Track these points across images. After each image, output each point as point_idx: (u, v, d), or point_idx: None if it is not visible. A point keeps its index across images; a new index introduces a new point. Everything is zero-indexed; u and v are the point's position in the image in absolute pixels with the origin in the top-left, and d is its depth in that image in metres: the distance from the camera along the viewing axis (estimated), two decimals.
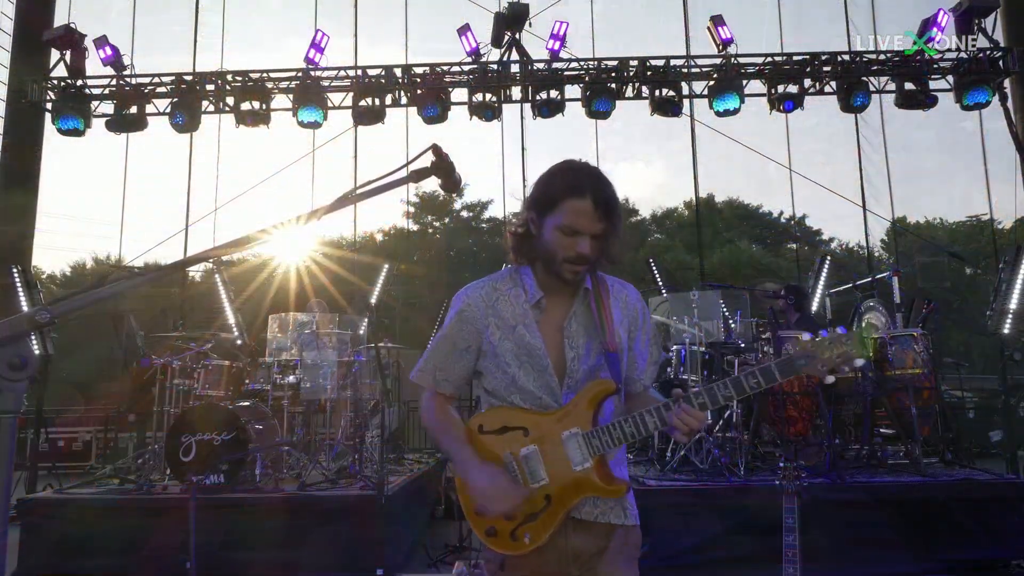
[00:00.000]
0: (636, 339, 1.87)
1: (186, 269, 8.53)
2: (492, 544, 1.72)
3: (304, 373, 6.01)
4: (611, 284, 1.87)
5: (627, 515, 1.78)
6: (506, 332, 1.78)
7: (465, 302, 1.84)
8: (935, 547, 4.52)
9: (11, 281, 7.31)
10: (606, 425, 1.69)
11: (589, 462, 1.68)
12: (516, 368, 1.77)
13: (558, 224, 1.70)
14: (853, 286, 7.17)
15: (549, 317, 1.80)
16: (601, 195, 1.69)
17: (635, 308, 1.88)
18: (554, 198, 1.71)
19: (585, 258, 1.70)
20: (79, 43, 8.81)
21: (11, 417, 1.12)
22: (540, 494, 1.69)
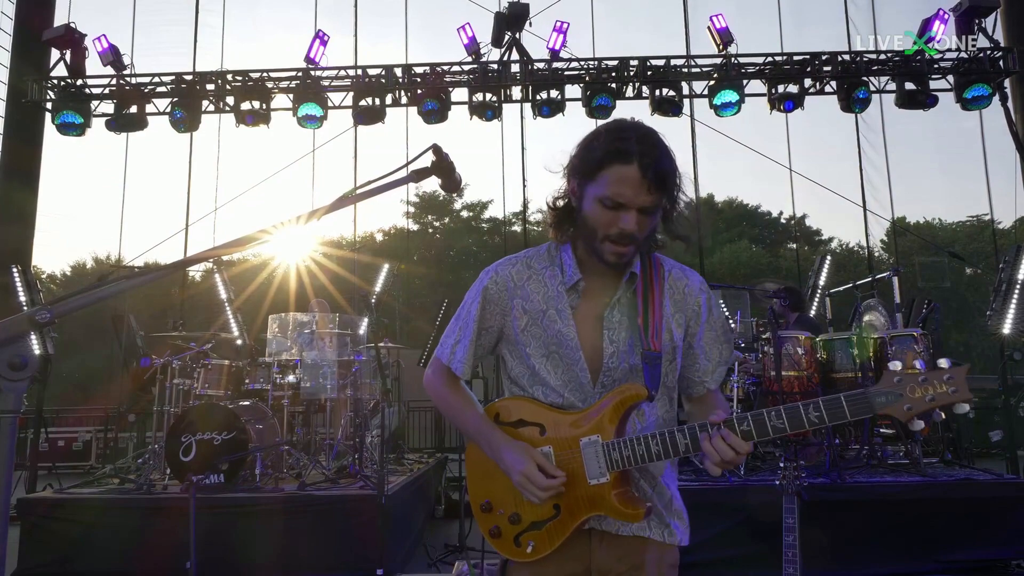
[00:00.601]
0: (696, 336, 1.61)
1: (186, 269, 8.53)
2: (496, 545, 1.59)
3: (304, 373, 6.01)
4: (668, 269, 1.61)
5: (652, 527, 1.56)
6: (535, 317, 1.57)
7: (492, 279, 1.63)
8: (935, 547, 4.52)
9: (11, 281, 7.31)
10: (630, 438, 1.46)
11: (606, 477, 1.47)
12: (541, 358, 1.56)
13: (600, 195, 1.45)
14: (853, 286, 7.17)
15: (587, 304, 1.57)
16: (651, 161, 1.42)
17: (695, 300, 1.61)
18: (597, 164, 1.46)
19: (630, 236, 1.45)
20: (79, 43, 8.81)
21: (11, 417, 1.11)
22: (549, 502, 1.50)
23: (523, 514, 1.54)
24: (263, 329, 6.71)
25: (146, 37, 10.71)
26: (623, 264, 1.52)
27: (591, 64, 8.85)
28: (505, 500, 1.56)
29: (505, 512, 1.56)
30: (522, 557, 1.54)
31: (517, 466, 1.48)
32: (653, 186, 1.42)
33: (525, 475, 1.46)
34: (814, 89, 8.89)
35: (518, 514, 1.55)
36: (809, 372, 5.42)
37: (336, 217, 2.67)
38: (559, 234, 1.60)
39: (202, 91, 8.98)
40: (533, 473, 1.46)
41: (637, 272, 1.56)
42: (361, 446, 5.56)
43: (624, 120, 1.53)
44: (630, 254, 1.51)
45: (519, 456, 1.49)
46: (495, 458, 1.55)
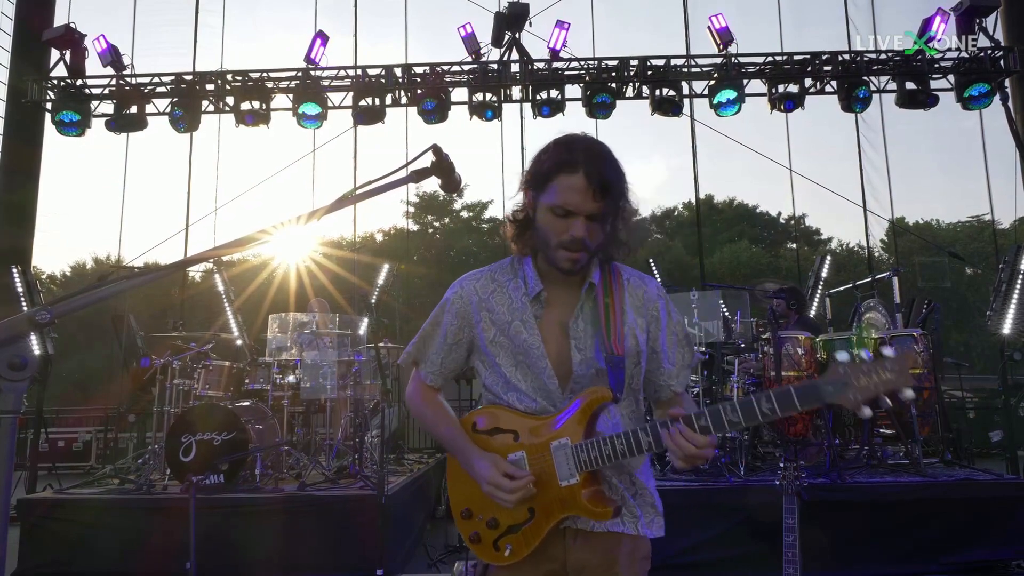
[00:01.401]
0: (658, 339, 1.66)
1: (186, 269, 8.52)
2: (476, 551, 1.64)
3: (304, 373, 6.01)
4: (627, 278, 1.67)
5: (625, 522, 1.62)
6: (501, 328, 1.63)
7: (457, 293, 1.70)
8: (935, 547, 4.52)
9: (11, 281, 7.31)
10: (597, 439, 1.51)
11: (576, 478, 1.52)
12: (511, 367, 1.62)
13: (550, 204, 1.53)
14: (853, 286, 7.17)
15: (551, 313, 1.62)
16: (596, 170, 1.49)
17: (654, 305, 1.67)
18: (546, 175, 1.54)
19: (580, 243, 1.51)
20: (79, 43, 8.81)
21: (11, 417, 1.11)
22: (524, 505, 1.55)
23: (500, 519, 1.59)
24: (263, 329, 6.71)
25: (146, 37, 10.72)
26: (577, 270, 1.58)
27: (591, 64, 8.85)
28: (483, 506, 1.61)
29: (484, 518, 1.61)
30: (501, 561, 1.59)
31: (484, 475, 1.55)
32: (598, 193, 1.49)
33: (491, 483, 1.53)
34: (814, 89, 8.89)
35: (496, 519, 1.59)
36: (809, 372, 5.42)
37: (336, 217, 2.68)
38: (520, 245, 1.66)
39: (202, 91, 8.98)
40: (498, 480, 1.52)
41: (596, 282, 1.62)
42: (361, 446, 5.56)
43: (573, 134, 1.59)
44: (583, 260, 1.56)
45: (486, 465, 1.56)
46: (467, 468, 1.62)
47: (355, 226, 12.34)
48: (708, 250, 22.64)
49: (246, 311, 8.08)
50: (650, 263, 9.48)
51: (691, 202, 19.90)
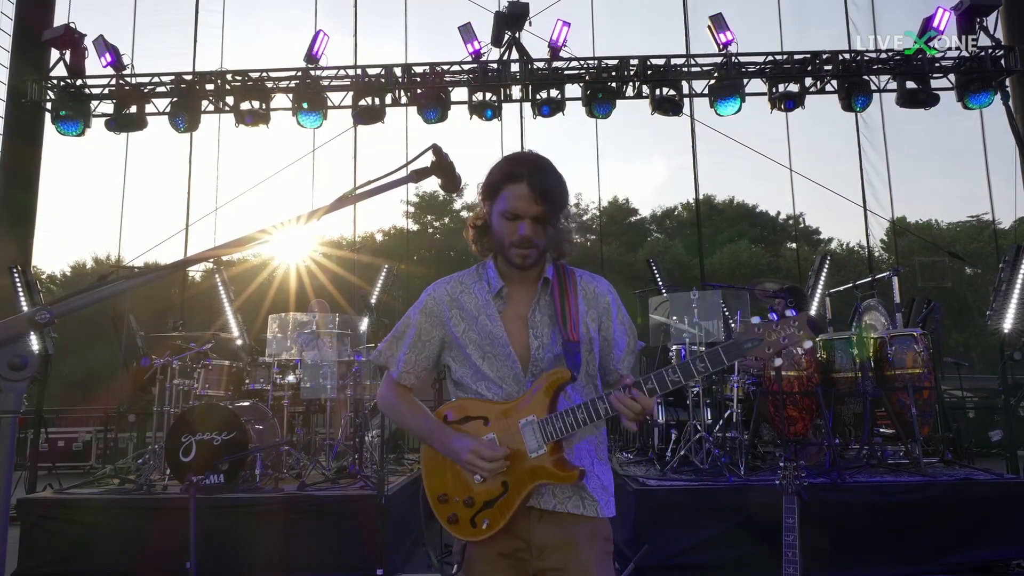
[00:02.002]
0: (609, 328, 1.88)
1: (186, 269, 8.53)
2: (454, 531, 1.76)
3: (304, 373, 6.01)
4: (579, 277, 1.90)
5: (585, 505, 1.76)
6: (470, 323, 1.83)
7: (430, 295, 1.90)
8: (935, 547, 4.52)
9: (11, 281, 7.32)
10: (560, 412, 1.70)
11: (543, 449, 1.70)
12: (479, 358, 1.81)
13: (501, 210, 1.76)
14: (853, 286, 7.17)
15: (512, 307, 1.84)
16: (538, 178, 1.73)
17: (604, 299, 1.89)
18: (496, 186, 1.78)
19: (527, 240, 1.74)
20: (79, 43, 8.81)
21: (11, 417, 1.11)
22: (497, 480, 1.72)
23: (476, 497, 1.74)
24: (263, 329, 6.71)
25: (146, 37, 10.73)
26: (528, 265, 1.79)
27: (591, 63, 8.85)
28: (458, 488, 1.76)
29: (460, 499, 1.75)
30: (479, 535, 1.73)
31: (464, 450, 1.71)
32: (540, 199, 1.72)
33: (473, 452, 1.69)
34: (814, 88, 8.89)
35: (472, 498, 1.74)
36: (809, 372, 5.42)
37: (336, 217, 2.68)
38: (479, 248, 1.90)
39: (202, 91, 8.98)
40: (479, 449, 1.69)
41: (550, 277, 1.84)
42: (361, 446, 5.56)
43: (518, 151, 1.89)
44: (533, 256, 1.77)
45: (464, 442, 1.73)
46: (444, 450, 1.77)
47: (355, 226, 12.36)
48: (708, 250, 22.63)
49: (246, 311, 8.09)
50: (650, 263, 9.48)
51: (691, 202, 19.92)
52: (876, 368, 5.50)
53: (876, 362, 5.54)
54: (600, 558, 1.76)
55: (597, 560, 1.75)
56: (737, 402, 5.29)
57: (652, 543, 4.36)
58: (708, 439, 5.26)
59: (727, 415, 5.41)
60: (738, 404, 5.29)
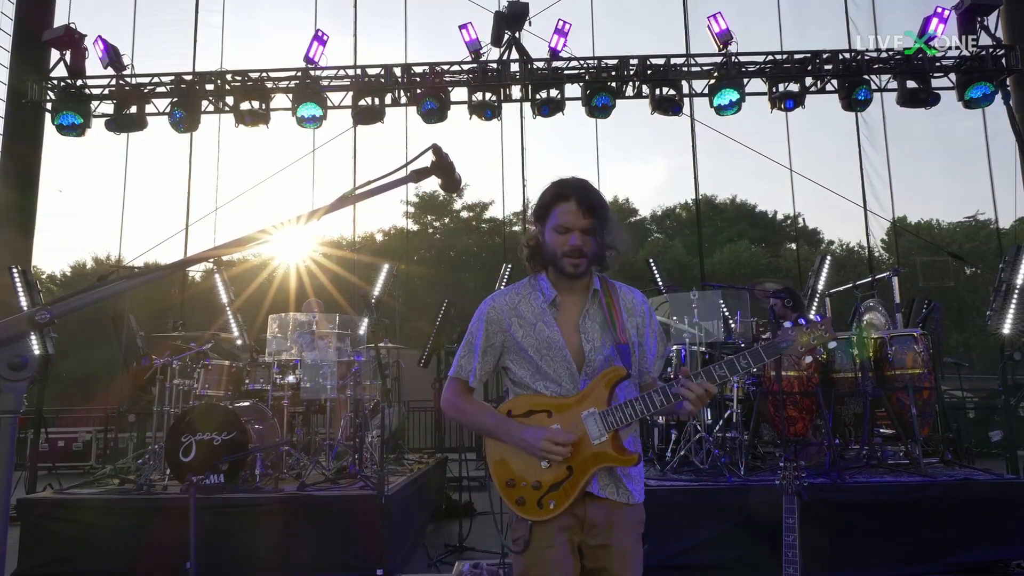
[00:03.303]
0: (644, 335, 2.11)
1: (186, 269, 8.53)
2: (521, 511, 1.97)
3: (304, 373, 6.00)
4: (619, 288, 2.14)
5: (619, 492, 2.01)
6: (528, 329, 2.05)
7: (491, 306, 2.12)
8: (935, 547, 4.52)
9: (11, 281, 7.31)
10: (619, 404, 1.94)
11: (605, 436, 1.93)
12: (539, 359, 2.02)
13: (553, 226, 2.01)
14: (853, 286, 7.17)
15: (565, 314, 2.06)
16: (584, 196, 1.98)
17: (641, 308, 2.14)
18: (547, 207, 2.03)
19: (578, 250, 1.97)
20: (79, 43, 8.81)
21: (11, 417, 1.11)
22: (562, 465, 1.94)
23: (543, 481, 1.96)
24: (263, 329, 6.70)
25: (146, 37, 10.72)
26: (580, 274, 2.02)
27: (591, 63, 8.85)
28: (525, 474, 1.98)
29: (528, 483, 1.97)
30: (546, 514, 1.95)
31: (538, 439, 1.93)
32: (587, 212, 1.97)
33: (548, 439, 1.91)
34: (815, 88, 8.89)
35: (539, 481, 1.96)
36: (809, 372, 5.41)
37: (336, 217, 2.69)
38: (532, 265, 2.12)
39: (202, 91, 8.99)
40: (552, 436, 1.92)
41: (598, 288, 2.08)
42: (361, 446, 5.56)
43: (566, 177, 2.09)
44: (583, 265, 2.00)
45: (536, 432, 1.95)
46: (515, 441, 1.98)
47: (355, 226, 12.37)
48: (708, 250, 22.65)
49: (246, 311, 8.08)
50: (650, 263, 9.48)
51: (691, 202, 19.91)
52: (876, 368, 5.50)
53: (876, 362, 5.53)
54: (635, 538, 2.03)
55: (632, 539, 2.02)
56: (737, 402, 5.29)
57: (652, 543, 4.35)
58: (708, 439, 5.26)
59: (727, 415, 5.41)
60: (738, 404, 5.29)
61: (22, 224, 9.50)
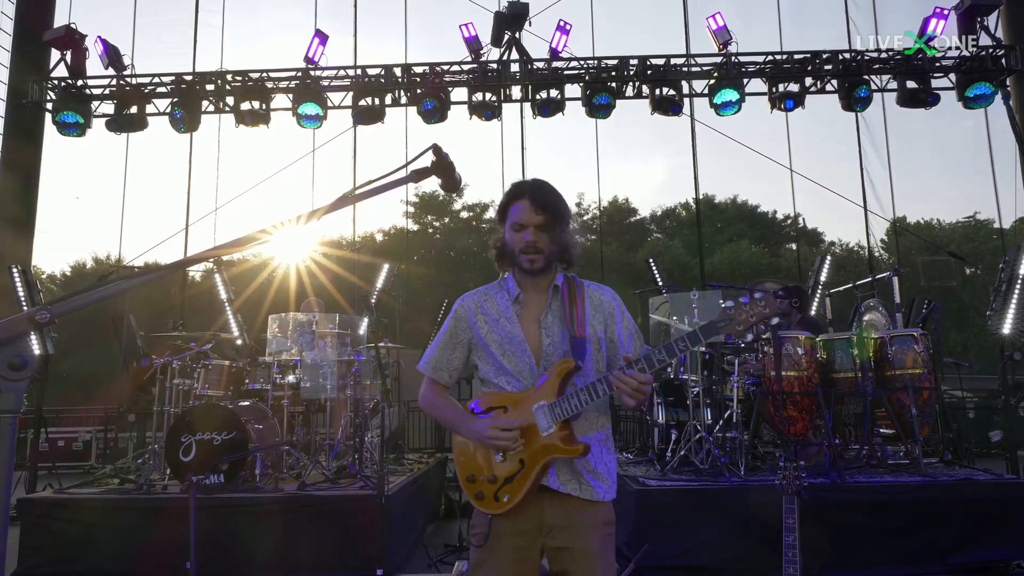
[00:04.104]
0: (615, 331, 2.13)
1: (186, 269, 8.53)
2: (481, 506, 2.03)
3: (304, 373, 6.00)
4: (587, 286, 2.18)
5: (582, 489, 2.02)
6: (492, 325, 2.11)
7: (460, 304, 2.20)
8: (935, 547, 4.52)
9: (11, 281, 7.31)
10: (566, 395, 1.97)
11: (552, 427, 1.97)
12: (500, 355, 2.09)
13: (510, 224, 2.08)
14: (853, 286, 7.17)
15: (528, 311, 2.12)
16: (536, 193, 2.05)
17: (609, 305, 2.15)
18: (504, 207, 2.11)
19: (533, 245, 2.03)
20: (79, 43, 8.81)
21: (11, 417, 1.11)
22: (515, 458, 1.99)
23: (497, 474, 2.01)
24: (263, 329, 6.70)
25: (146, 37, 10.72)
26: (537, 269, 2.07)
27: (591, 63, 8.85)
28: (483, 468, 2.05)
29: (485, 478, 2.03)
30: (502, 508, 1.99)
31: (484, 427, 2.00)
32: (540, 209, 2.03)
33: (492, 427, 1.98)
34: (815, 88, 8.89)
35: (494, 475, 2.02)
36: (809, 372, 5.41)
37: (336, 217, 2.69)
38: (500, 265, 2.18)
39: (202, 91, 8.99)
40: (497, 423, 1.99)
41: (560, 285, 2.12)
42: (361, 446, 5.56)
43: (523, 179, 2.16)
44: (539, 261, 2.05)
45: (484, 423, 2.02)
46: (470, 434, 2.06)
47: (355, 226, 12.36)
48: (708, 250, 22.63)
49: (246, 311, 8.08)
50: (650, 263, 9.48)
51: (691, 202, 19.90)
52: (876, 368, 5.50)
53: (876, 362, 5.53)
54: (601, 539, 2.02)
55: (598, 541, 2.01)
56: (737, 402, 5.29)
57: (652, 543, 4.36)
58: (708, 439, 5.26)
59: (727, 415, 5.40)
60: (738, 404, 5.29)
61: (22, 224, 9.49)
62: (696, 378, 5.49)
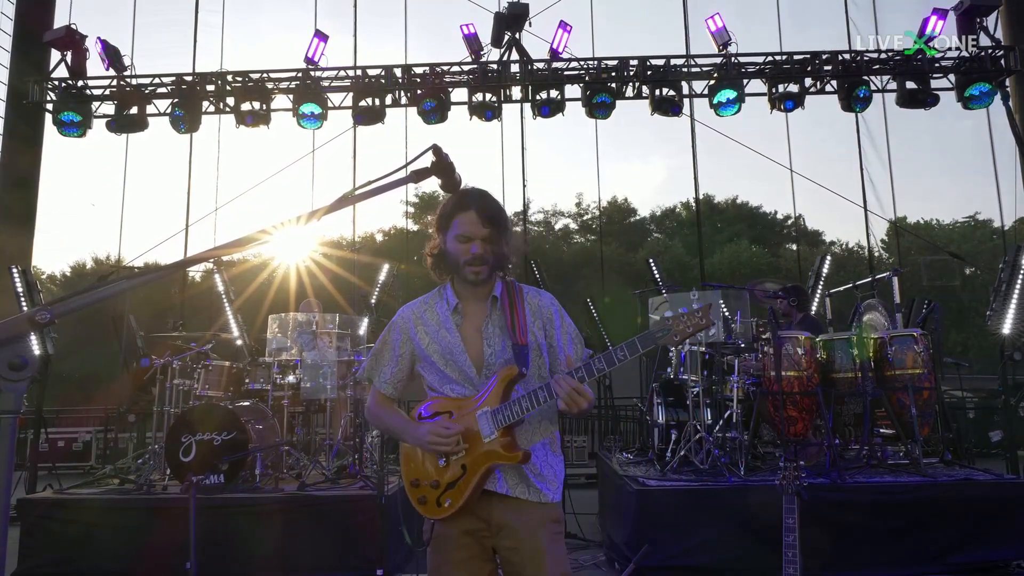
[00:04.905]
0: (554, 336, 2.13)
1: (186, 269, 8.53)
2: (423, 510, 2.05)
3: (304, 373, 6.00)
4: (525, 292, 2.17)
5: (530, 492, 2.03)
6: (432, 336, 2.11)
7: (400, 315, 2.20)
8: (935, 547, 4.51)
9: (11, 281, 7.31)
10: (509, 402, 1.98)
11: (495, 434, 1.96)
12: (443, 365, 2.08)
13: (455, 235, 2.04)
14: (853, 286, 7.17)
15: (468, 320, 2.11)
16: (484, 206, 2.03)
17: (548, 310, 2.15)
18: (448, 216, 2.07)
19: (479, 257, 2.02)
20: (80, 44, 8.82)
21: (11, 417, 1.12)
22: (457, 464, 1.99)
23: (440, 480, 2.02)
24: (263, 329, 6.70)
25: (146, 37, 10.73)
26: (482, 280, 2.05)
27: (591, 64, 8.85)
28: (427, 473, 2.05)
29: (428, 482, 2.04)
30: (444, 513, 2.00)
31: (425, 433, 2.00)
32: (487, 222, 2.02)
33: (432, 433, 1.98)
34: (814, 88, 8.89)
35: (437, 480, 2.02)
36: (809, 372, 5.41)
37: (336, 217, 2.69)
38: (437, 273, 2.16)
39: (202, 92, 8.99)
40: (436, 429, 1.98)
41: (498, 295, 2.10)
42: (361, 446, 5.56)
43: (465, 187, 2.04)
44: (485, 272, 2.04)
45: (426, 427, 2.02)
46: (413, 440, 2.06)
47: (355, 226, 12.38)
48: (708, 250, 22.63)
49: (246, 311, 8.08)
50: (650, 263, 9.48)
51: (691, 202, 19.91)
52: (876, 368, 5.49)
53: (876, 362, 5.53)
54: (549, 537, 2.03)
55: (546, 539, 2.02)
56: (737, 402, 5.29)
57: (652, 543, 4.36)
58: (708, 439, 5.26)
59: (727, 415, 5.40)
60: (738, 404, 5.28)
61: (22, 224, 9.50)
62: (696, 378, 5.49)
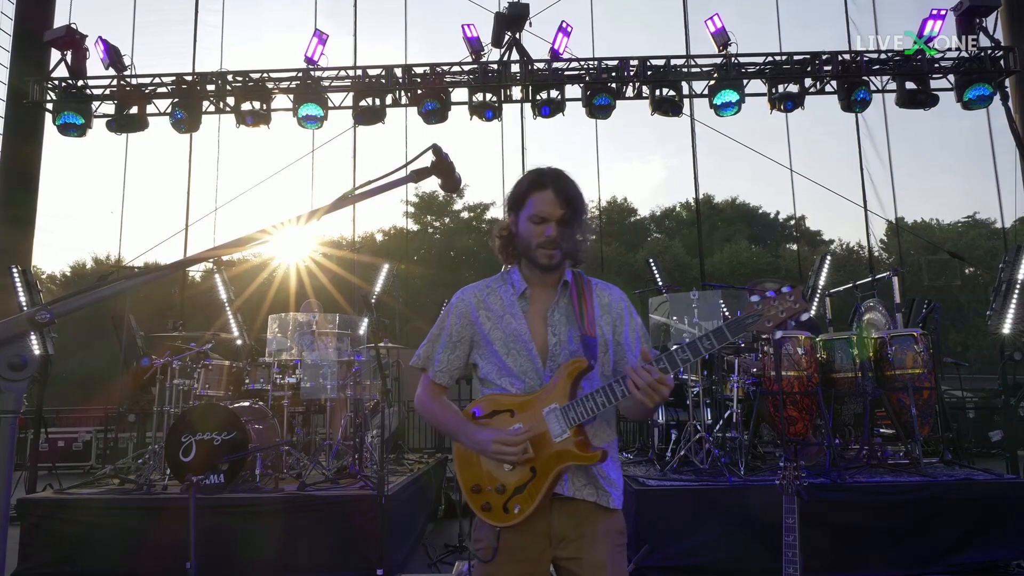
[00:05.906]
0: (622, 333, 2.00)
1: (186, 269, 8.53)
2: (487, 517, 1.87)
3: (304, 373, 6.00)
4: (595, 284, 2.04)
5: (599, 493, 1.89)
6: (496, 322, 1.97)
7: (460, 298, 2.04)
8: (935, 547, 4.52)
9: (11, 281, 7.31)
10: (581, 398, 1.82)
11: (567, 433, 1.82)
12: (504, 354, 1.94)
13: (528, 215, 1.91)
14: (853, 286, 7.17)
15: (535, 307, 1.97)
16: (561, 185, 1.90)
17: (618, 306, 2.02)
18: (523, 195, 1.93)
19: (554, 240, 1.88)
20: (80, 44, 8.82)
21: (11, 417, 1.12)
22: (526, 467, 1.83)
23: (507, 484, 1.85)
24: (263, 329, 6.71)
25: (146, 37, 10.72)
26: (554, 265, 1.92)
27: (591, 64, 8.85)
28: (490, 478, 1.88)
29: (492, 487, 1.87)
30: (512, 519, 1.83)
31: (488, 441, 1.83)
32: (563, 203, 1.88)
33: (497, 442, 1.81)
34: (814, 89, 8.89)
35: (503, 485, 1.86)
36: (809, 372, 5.41)
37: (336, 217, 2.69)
38: (505, 256, 2.04)
39: (202, 92, 8.99)
40: (503, 437, 1.82)
41: (569, 280, 1.97)
42: (361, 446, 5.56)
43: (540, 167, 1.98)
44: (557, 257, 1.91)
45: (489, 433, 1.86)
46: (471, 444, 1.90)
47: (355, 226, 12.36)
48: (708, 250, 22.63)
49: (246, 311, 8.09)
50: (650, 263, 9.48)
51: (691, 202, 19.92)
52: (876, 368, 5.50)
53: (876, 362, 5.53)
54: (613, 549, 1.88)
55: (610, 551, 1.87)
56: (737, 402, 5.29)
57: (652, 543, 4.36)
58: (708, 439, 5.26)
59: (727, 415, 5.41)
60: (738, 404, 5.29)
61: (22, 224, 9.50)
62: (696, 378, 5.49)
